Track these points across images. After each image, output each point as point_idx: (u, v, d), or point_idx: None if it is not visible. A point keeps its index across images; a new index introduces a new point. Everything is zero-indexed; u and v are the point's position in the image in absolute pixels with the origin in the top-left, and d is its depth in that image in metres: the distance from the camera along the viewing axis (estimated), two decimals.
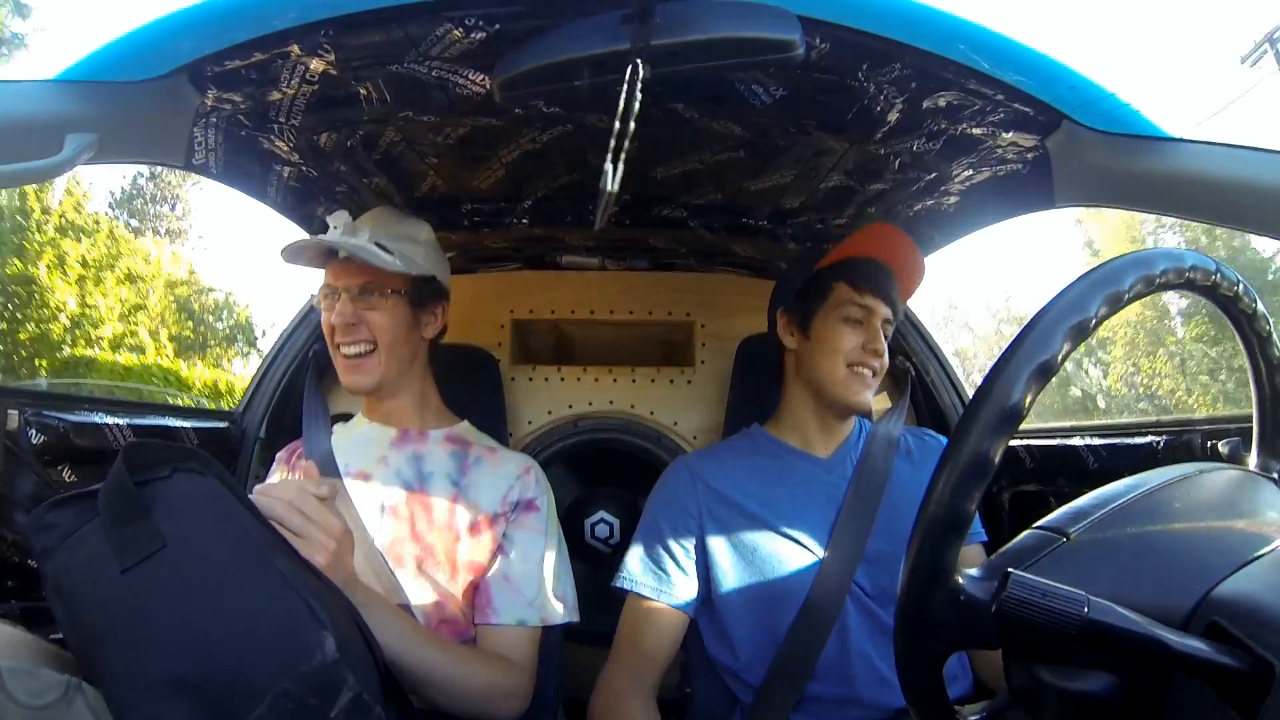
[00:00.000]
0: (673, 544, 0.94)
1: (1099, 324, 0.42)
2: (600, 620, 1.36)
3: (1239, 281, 0.49)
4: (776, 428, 1.03)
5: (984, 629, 0.40)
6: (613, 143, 0.65)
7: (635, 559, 0.96)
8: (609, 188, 0.66)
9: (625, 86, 0.63)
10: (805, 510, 0.93)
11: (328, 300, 0.95)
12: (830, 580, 0.88)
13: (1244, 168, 0.63)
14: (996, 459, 0.40)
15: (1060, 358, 0.40)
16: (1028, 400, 0.40)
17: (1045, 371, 0.40)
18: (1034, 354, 0.40)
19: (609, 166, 0.65)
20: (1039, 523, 0.46)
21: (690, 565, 0.93)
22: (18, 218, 9.29)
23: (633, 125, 0.66)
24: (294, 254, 0.93)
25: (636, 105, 0.64)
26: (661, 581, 0.93)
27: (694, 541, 0.94)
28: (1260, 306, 0.50)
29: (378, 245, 0.92)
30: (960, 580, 0.41)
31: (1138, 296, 0.43)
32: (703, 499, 0.95)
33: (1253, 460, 0.54)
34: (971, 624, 0.40)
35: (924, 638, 0.41)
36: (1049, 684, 0.40)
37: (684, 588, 0.93)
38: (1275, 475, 0.52)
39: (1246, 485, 0.51)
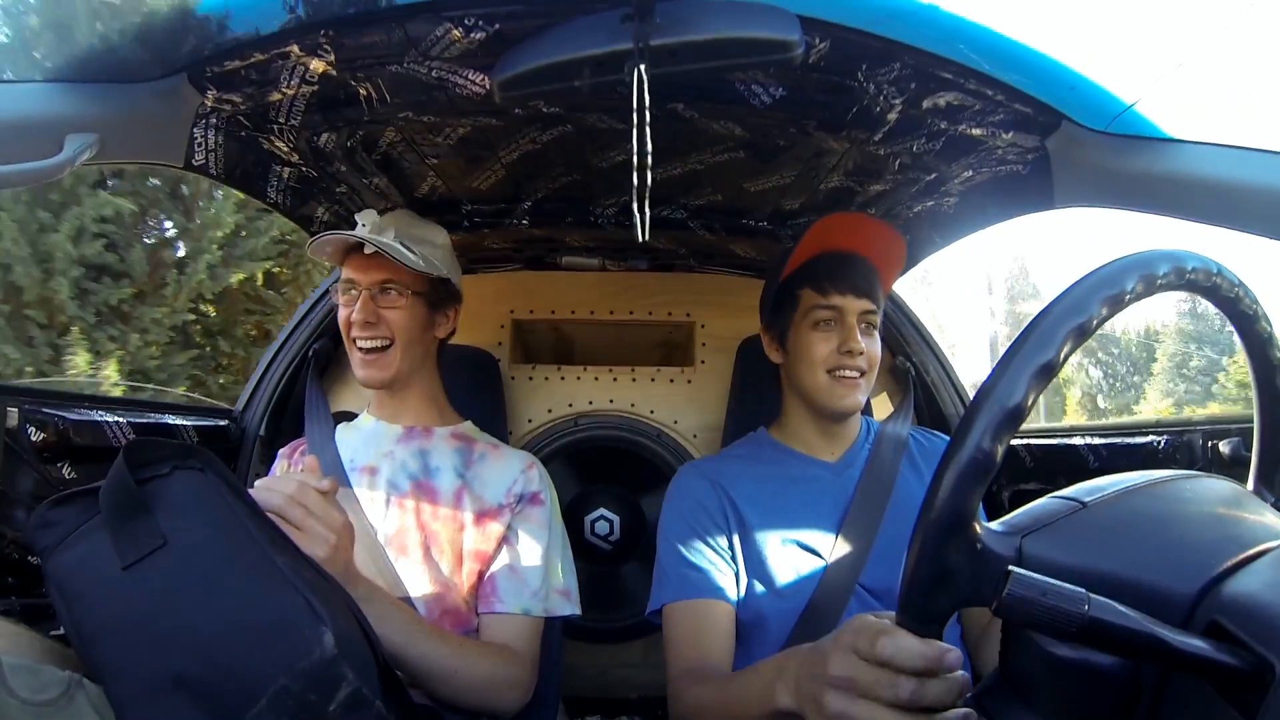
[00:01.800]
0: (707, 540, 0.91)
1: (1100, 325, 0.42)
2: (600, 618, 1.37)
3: (1240, 283, 0.49)
4: (780, 433, 1.03)
5: (992, 587, 0.39)
6: (634, 152, 0.64)
7: (669, 570, 0.91)
8: (634, 197, 0.66)
9: (635, 91, 0.63)
10: (812, 513, 0.93)
11: (347, 295, 0.97)
12: (835, 581, 0.88)
13: (1244, 169, 0.63)
14: (1029, 409, 0.40)
15: (1061, 358, 0.41)
16: (1063, 355, 0.40)
17: (1082, 331, 0.41)
18: (1072, 314, 0.41)
19: (634, 177, 0.65)
20: (1058, 491, 0.47)
21: (727, 558, 0.91)
22: None
23: (648, 127, 0.65)
24: (319, 247, 0.95)
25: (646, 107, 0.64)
26: (704, 577, 0.89)
27: (724, 538, 0.92)
28: (1261, 308, 0.50)
29: (403, 245, 0.95)
30: (979, 530, 0.41)
31: (1139, 298, 0.43)
32: (724, 503, 0.94)
33: (1250, 486, 0.54)
34: (983, 578, 0.40)
35: (934, 588, 0.41)
36: (1051, 662, 0.40)
37: (726, 579, 0.89)
38: (1271, 500, 0.52)
39: (1250, 496, 0.51)
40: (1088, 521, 0.44)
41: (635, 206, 0.66)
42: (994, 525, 0.43)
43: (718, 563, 0.90)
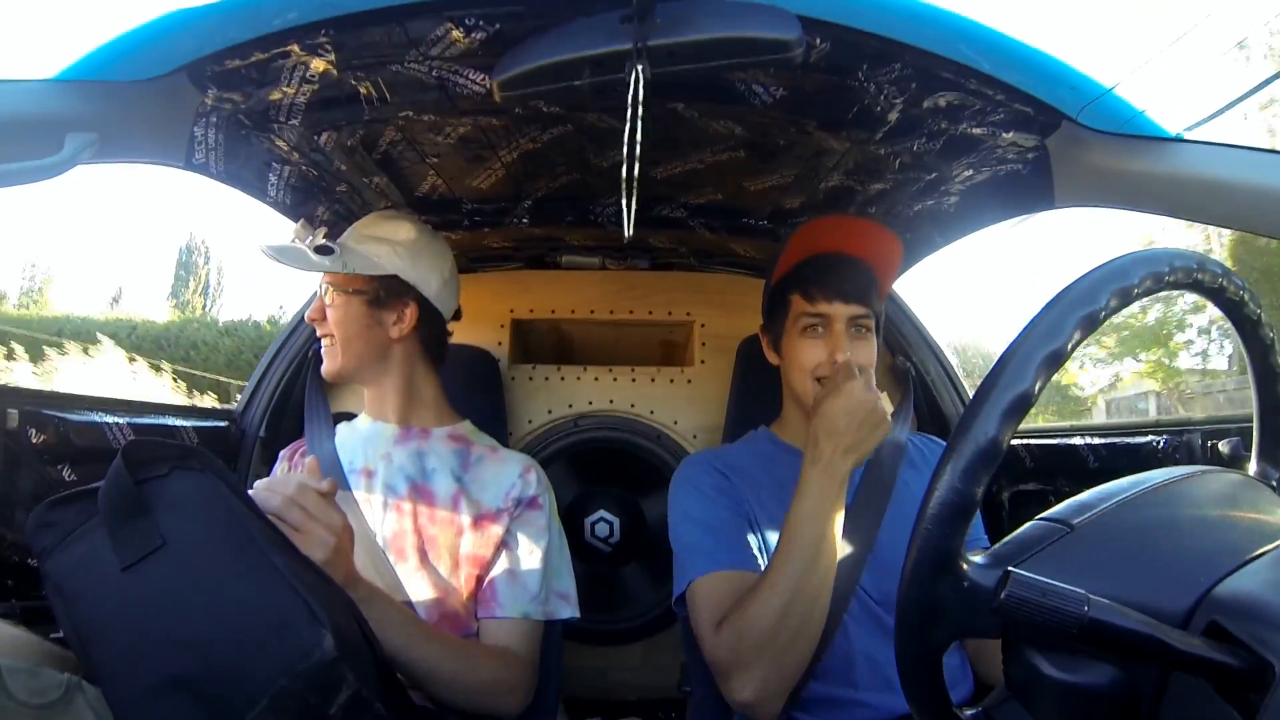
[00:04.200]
0: (731, 516, 0.90)
1: (1108, 316, 0.42)
2: (601, 620, 1.37)
3: (1244, 287, 0.49)
4: (782, 431, 1.03)
5: (986, 617, 0.40)
6: (624, 149, 0.64)
7: (697, 546, 0.88)
8: (624, 193, 0.66)
9: (630, 90, 0.62)
10: None
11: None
12: (835, 582, 0.88)
13: (1245, 169, 0.63)
14: (1005, 444, 0.40)
15: (1070, 346, 0.40)
16: (1038, 386, 0.40)
17: (1055, 359, 0.40)
18: (1045, 341, 0.40)
19: (623, 172, 0.65)
20: (1044, 513, 0.46)
21: (752, 534, 0.89)
22: None
23: (640, 126, 0.65)
24: (272, 256, 0.95)
25: (641, 106, 0.64)
26: (735, 552, 0.87)
27: (745, 518, 0.91)
28: (1264, 314, 0.50)
29: (320, 248, 0.93)
30: (965, 566, 0.41)
31: (1147, 293, 0.43)
32: (734, 484, 0.94)
33: (1252, 467, 0.54)
34: (974, 611, 0.40)
35: (926, 624, 0.41)
36: (1049, 676, 0.40)
37: (755, 554, 0.88)
38: (1274, 482, 0.52)
39: (1247, 487, 0.51)
40: (1075, 545, 0.43)
41: (624, 203, 0.66)
42: (979, 559, 0.42)
43: (746, 538, 0.89)
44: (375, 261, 0.96)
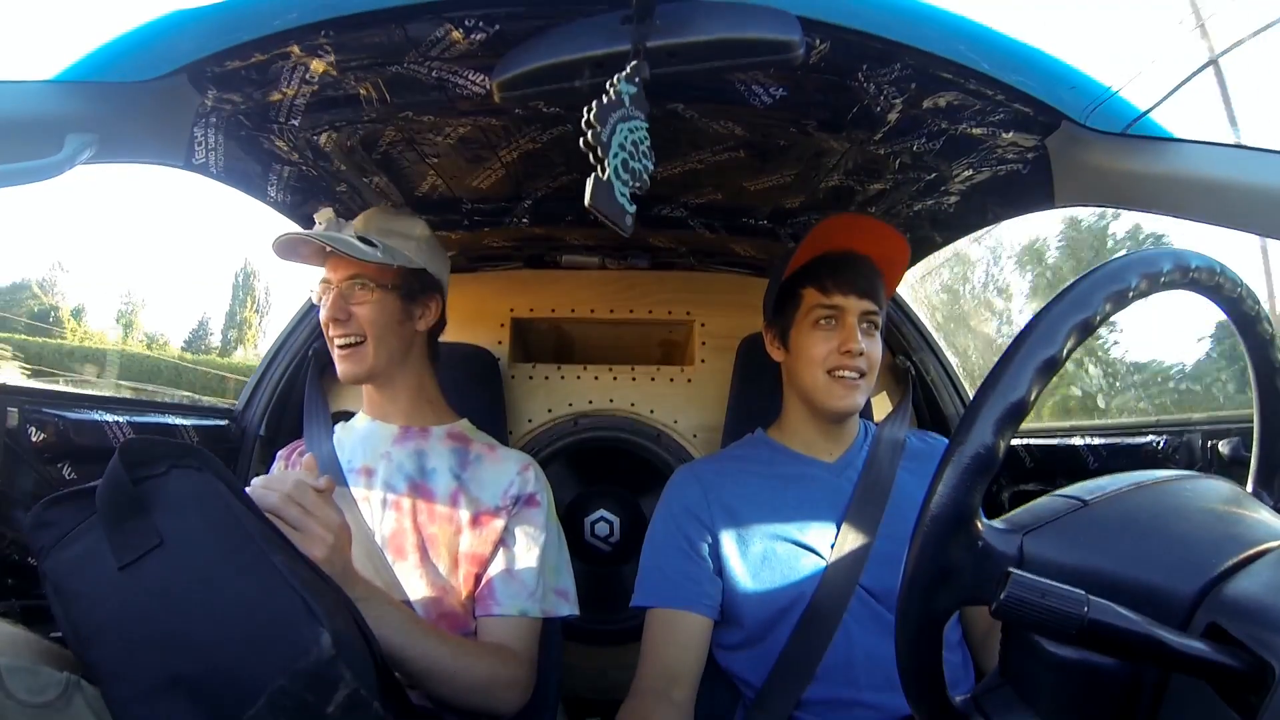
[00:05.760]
0: (690, 551, 0.93)
1: (1136, 298, 0.42)
2: (599, 618, 1.37)
3: (1242, 283, 0.49)
4: (780, 434, 1.03)
5: (993, 585, 0.39)
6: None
7: (653, 572, 0.94)
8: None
9: (616, 84, 0.63)
10: (811, 514, 0.93)
11: (323, 295, 0.97)
12: (835, 582, 0.88)
13: (1244, 168, 0.63)
14: (1031, 405, 0.40)
15: (1098, 318, 0.41)
16: (1065, 350, 0.41)
17: (1084, 328, 0.41)
18: (1075, 310, 0.41)
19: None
20: (1060, 490, 0.47)
21: (708, 569, 0.92)
22: None
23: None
24: (284, 249, 0.94)
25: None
26: (682, 590, 0.91)
27: (708, 547, 0.93)
28: (1263, 309, 0.50)
29: (361, 240, 0.94)
30: (980, 528, 0.41)
31: (1141, 295, 0.43)
32: (713, 506, 0.94)
33: (1250, 488, 0.54)
34: (984, 576, 0.40)
35: (935, 585, 0.41)
36: (1050, 659, 0.40)
37: (705, 592, 0.91)
38: (1270, 503, 0.52)
39: (1250, 496, 0.51)
40: (1089, 520, 0.44)
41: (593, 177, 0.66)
42: (995, 523, 0.43)
43: (695, 574, 0.91)
44: (408, 255, 0.97)
